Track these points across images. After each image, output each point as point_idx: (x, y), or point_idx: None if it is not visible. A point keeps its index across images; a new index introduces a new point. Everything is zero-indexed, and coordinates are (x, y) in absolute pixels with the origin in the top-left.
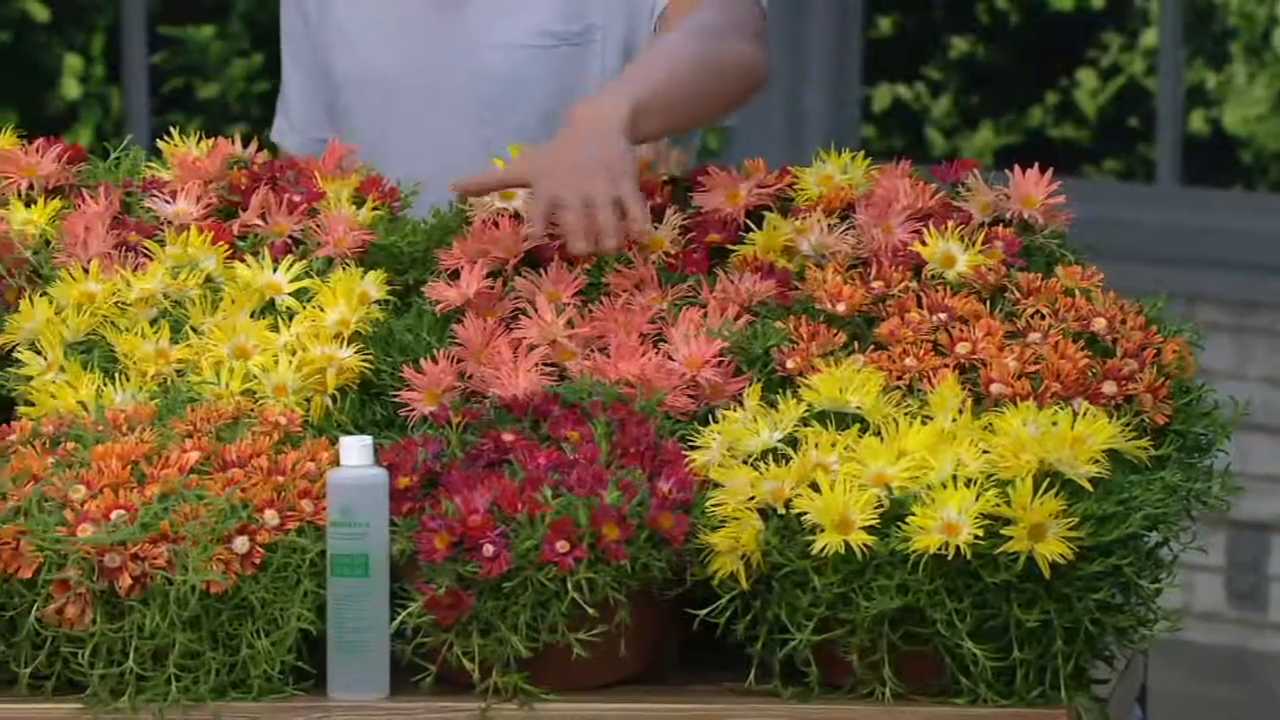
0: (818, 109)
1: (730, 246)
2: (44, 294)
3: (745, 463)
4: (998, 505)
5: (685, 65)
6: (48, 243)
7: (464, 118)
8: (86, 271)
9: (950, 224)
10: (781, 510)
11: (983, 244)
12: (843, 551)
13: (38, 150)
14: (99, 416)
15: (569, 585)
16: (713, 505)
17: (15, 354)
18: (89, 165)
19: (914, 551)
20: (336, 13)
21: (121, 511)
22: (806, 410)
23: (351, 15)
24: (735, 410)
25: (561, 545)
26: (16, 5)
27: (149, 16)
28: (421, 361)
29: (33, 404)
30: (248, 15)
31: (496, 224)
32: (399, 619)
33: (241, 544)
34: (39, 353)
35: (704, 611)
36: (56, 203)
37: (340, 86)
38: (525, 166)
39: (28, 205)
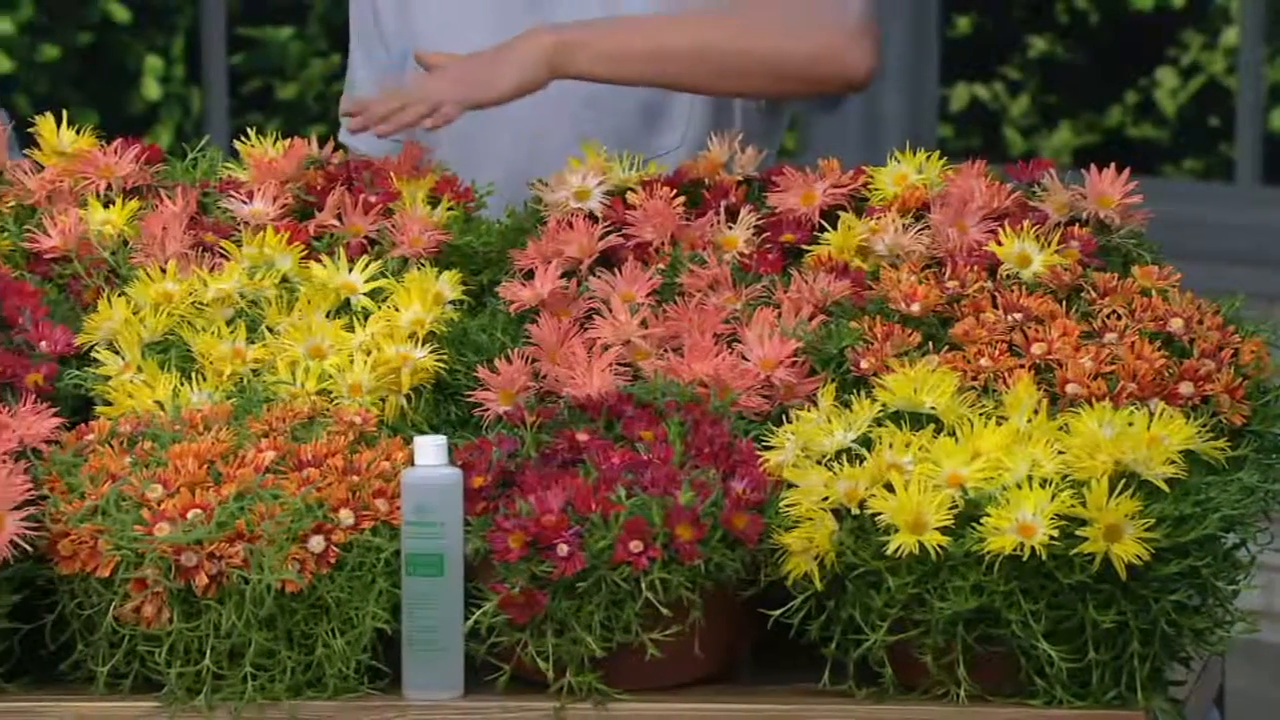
0: (894, 109)
1: (805, 246)
2: (122, 294)
3: (819, 463)
4: (1073, 506)
5: (649, 27)
6: (126, 243)
7: (559, 115)
8: (164, 271)
9: (1026, 224)
10: (855, 511)
11: (1059, 244)
12: (917, 552)
13: (116, 151)
14: (176, 416)
15: (643, 585)
16: (786, 505)
17: (93, 354)
18: (167, 166)
19: (989, 552)
20: (418, 10)
21: (198, 511)
22: (881, 410)
23: (436, 12)
24: (809, 410)
25: (635, 545)
26: (98, 7)
27: (228, 18)
28: (496, 361)
29: (110, 404)
30: (326, 16)
31: (571, 224)
32: (473, 618)
33: (317, 543)
34: (117, 352)
35: (778, 612)
36: (135, 203)
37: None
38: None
39: (106, 206)
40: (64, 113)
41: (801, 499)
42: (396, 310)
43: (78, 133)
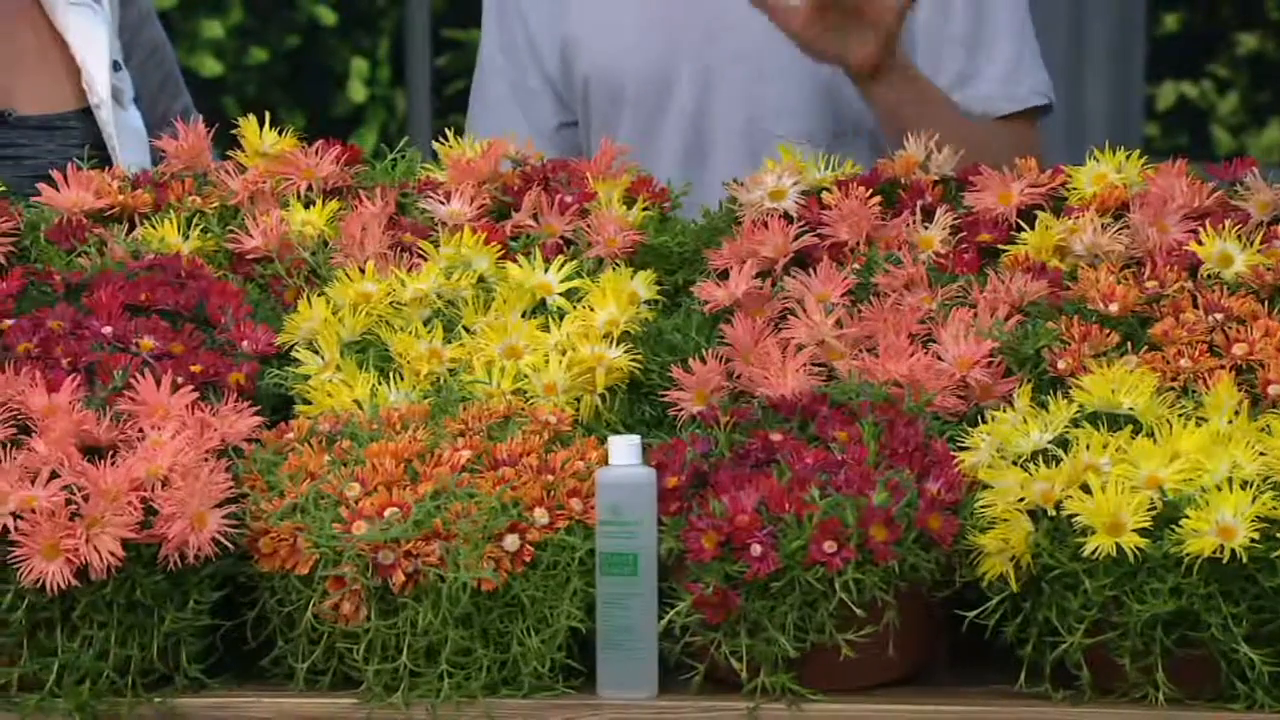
0: (1099, 107)
1: (1002, 246)
2: (321, 294)
3: (1015, 464)
4: (1274, 508)
5: (949, 107)
6: (326, 243)
7: (728, 100)
8: (363, 272)
9: (1228, 223)
10: (1052, 512)
11: (1261, 243)
12: (1114, 554)
13: (317, 152)
14: (374, 415)
15: (836, 586)
16: (982, 506)
17: (293, 353)
18: (366, 167)
19: (1188, 554)
20: (575, 24)
21: (395, 509)
22: (1078, 411)
23: (600, 15)
24: (1005, 411)
25: (829, 545)
26: (306, 10)
27: (433, 19)
28: (690, 361)
29: (310, 402)
30: None
31: (766, 224)
32: (667, 618)
33: (512, 542)
34: (316, 352)
35: (973, 613)
36: (334, 204)
37: (589, 96)
38: None
39: (307, 206)
40: (270, 115)
41: (997, 500)
42: (592, 310)
43: (280, 134)
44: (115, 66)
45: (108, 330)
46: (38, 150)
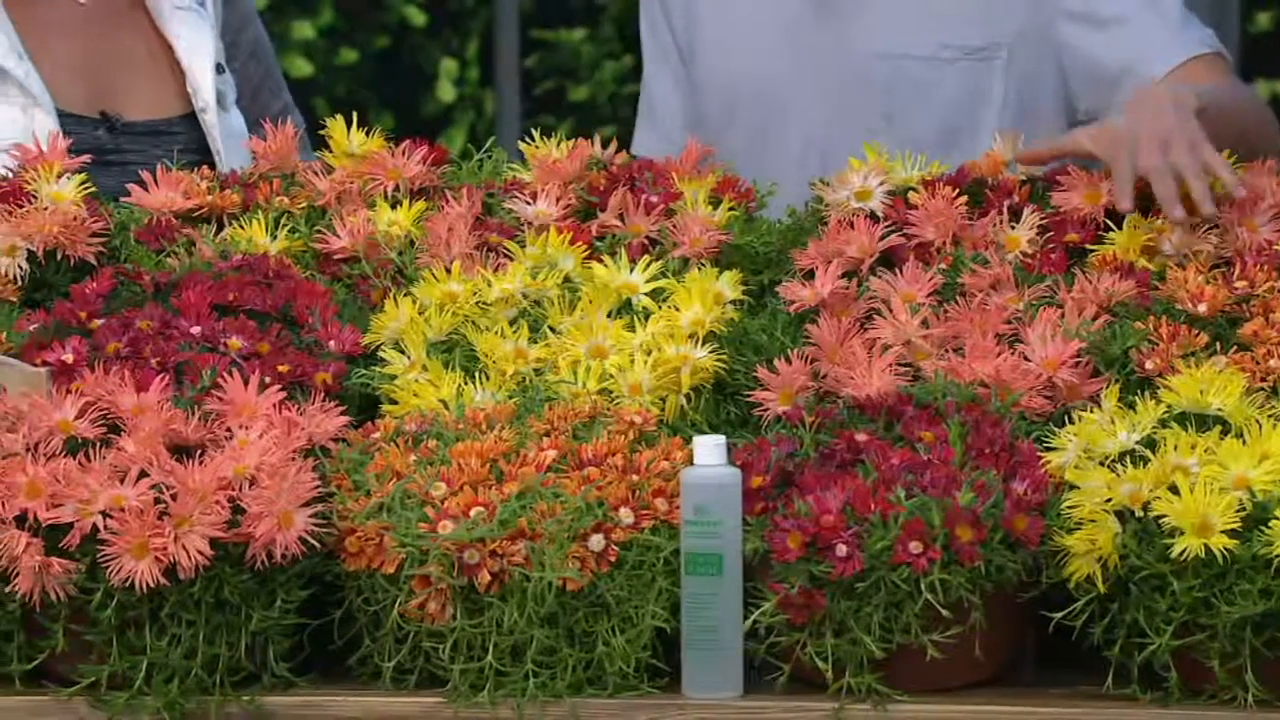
0: None
1: (1089, 246)
2: (408, 294)
3: (1102, 464)
4: None
5: (1241, 98)
6: (412, 243)
7: (852, 127)
8: (449, 272)
9: None
10: (1139, 513)
11: None
12: (1203, 555)
13: (404, 153)
14: (459, 415)
15: (922, 586)
16: (1068, 507)
17: (380, 353)
18: (453, 167)
19: (1277, 556)
20: (705, 21)
21: (481, 509)
22: (1166, 412)
23: (723, 23)
24: (1092, 411)
25: (915, 546)
26: (396, 11)
27: (522, 20)
28: (776, 361)
29: (396, 402)
30: (618, 18)
31: (852, 224)
32: (752, 618)
33: (597, 541)
34: (403, 352)
35: (1060, 614)
36: (421, 204)
37: (712, 96)
38: (1096, 138)
39: (393, 206)
40: (360, 115)
41: (1084, 501)
42: (677, 310)
43: (367, 135)
44: (219, 69)
45: (196, 330)
46: (144, 156)
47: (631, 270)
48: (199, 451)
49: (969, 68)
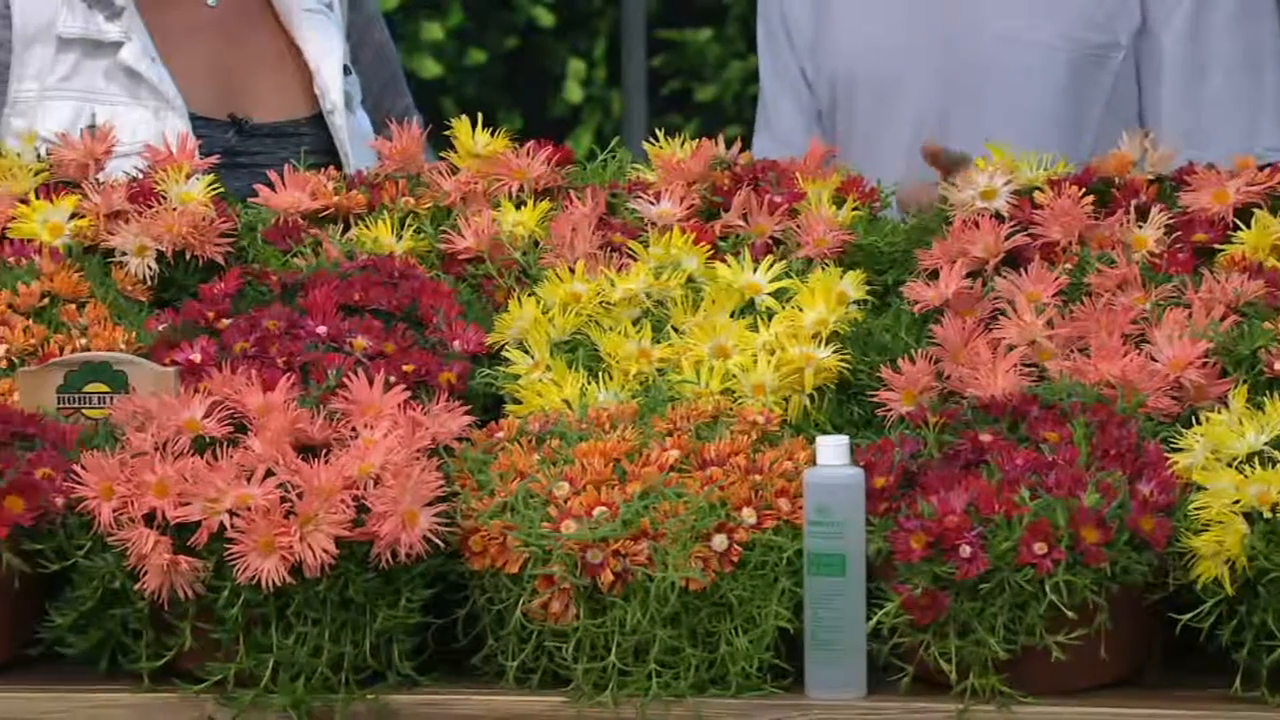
0: None
1: (1217, 246)
2: (532, 294)
3: (1230, 466)
4: None
5: None
6: (536, 243)
7: (964, 108)
8: (573, 272)
9: None
10: (1268, 514)
11: None
12: None
13: (528, 153)
14: (583, 415)
15: (1047, 587)
16: (1196, 509)
17: (504, 353)
18: (577, 168)
19: None
20: (837, 18)
21: (603, 508)
22: None
23: (851, 17)
24: (1220, 412)
25: (1039, 547)
26: (524, 11)
27: (648, 20)
28: (899, 361)
29: (520, 402)
30: (744, 17)
31: (977, 223)
32: (875, 618)
33: (720, 542)
34: (526, 352)
35: (1187, 616)
36: (545, 204)
37: (833, 90)
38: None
39: (518, 207)
40: (488, 116)
41: (1212, 502)
42: (800, 310)
43: (492, 135)
44: (346, 71)
45: (322, 330)
46: (272, 158)
47: (755, 270)
48: (324, 451)
49: (1085, 63)
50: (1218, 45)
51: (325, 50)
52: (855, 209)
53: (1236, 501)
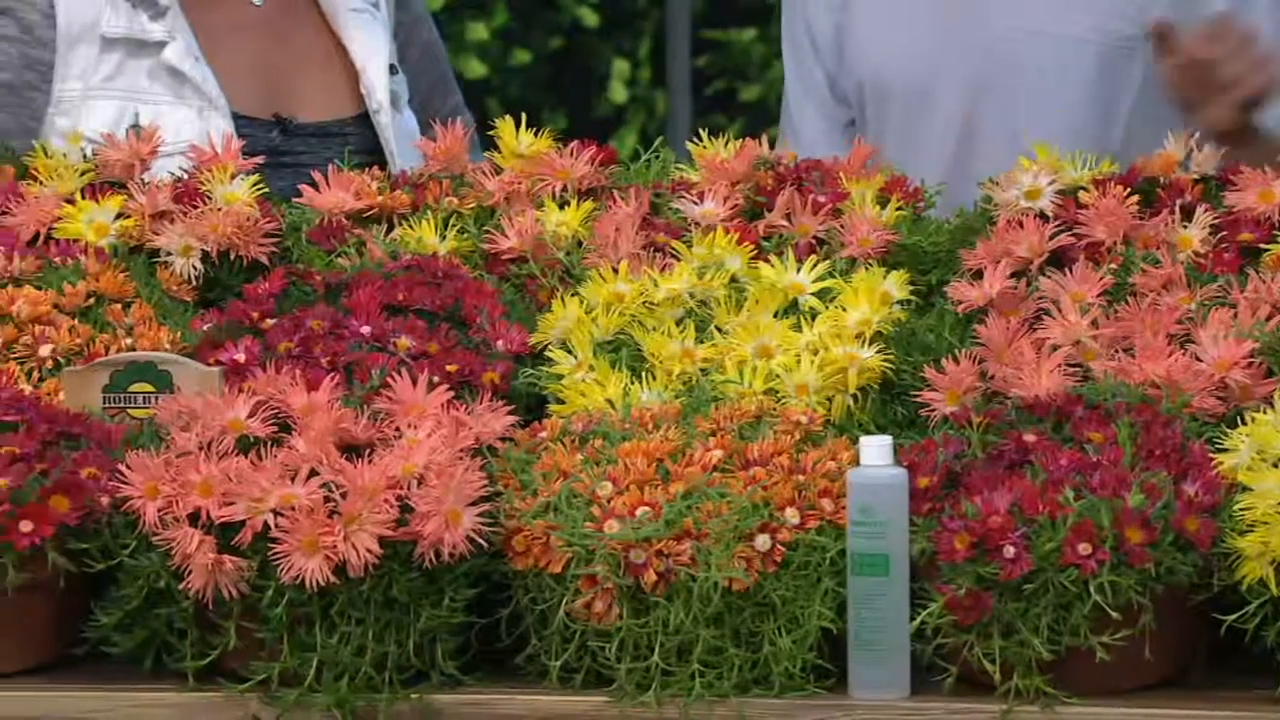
0: None
1: (1263, 245)
2: (575, 294)
3: (1276, 466)
4: None
5: None
6: (580, 243)
7: (995, 104)
8: (616, 272)
9: None
10: None
11: None
12: None
13: (572, 153)
14: (626, 415)
15: (1091, 588)
16: (1241, 509)
17: (547, 352)
18: (621, 168)
19: None
20: (860, 26)
21: (646, 508)
22: None
23: (875, 24)
24: (1265, 413)
25: (1084, 547)
26: (568, 11)
27: (693, 20)
28: (943, 361)
29: (563, 402)
30: None
31: (1021, 223)
32: (919, 619)
33: (763, 542)
34: (570, 351)
35: (1232, 617)
36: (589, 204)
37: (861, 98)
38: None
39: (562, 207)
40: (532, 116)
41: (1257, 503)
42: (844, 310)
43: (536, 134)
44: (392, 70)
45: (366, 330)
46: (317, 158)
47: (798, 270)
48: (368, 451)
49: (1114, 54)
50: (1259, 26)
51: (371, 50)
52: (899, 209)
53: None
